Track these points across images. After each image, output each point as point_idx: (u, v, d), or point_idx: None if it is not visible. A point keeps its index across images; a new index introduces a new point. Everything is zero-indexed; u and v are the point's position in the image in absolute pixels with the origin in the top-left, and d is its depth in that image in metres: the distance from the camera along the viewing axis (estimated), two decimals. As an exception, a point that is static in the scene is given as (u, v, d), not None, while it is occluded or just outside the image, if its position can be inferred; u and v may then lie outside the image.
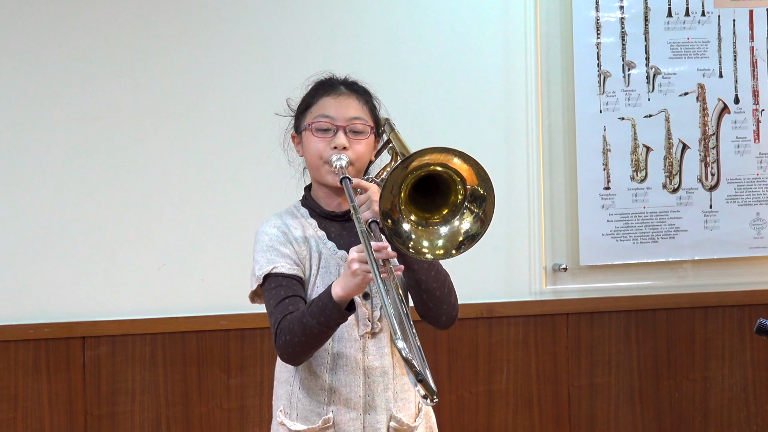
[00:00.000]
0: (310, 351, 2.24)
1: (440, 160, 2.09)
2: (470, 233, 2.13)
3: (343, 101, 2.34)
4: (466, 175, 2.11)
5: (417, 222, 2.14)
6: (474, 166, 2.10)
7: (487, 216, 2.12)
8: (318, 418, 2.31)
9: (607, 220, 3.79)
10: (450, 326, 2.35)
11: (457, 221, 2.14)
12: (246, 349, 3.58)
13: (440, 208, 2.16)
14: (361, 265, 2.08)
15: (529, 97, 3.78)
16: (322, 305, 2.14)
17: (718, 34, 3.85)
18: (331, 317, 2.14)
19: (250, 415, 3.58)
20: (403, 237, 2.12)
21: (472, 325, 3.71)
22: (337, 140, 2.30)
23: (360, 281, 2.10)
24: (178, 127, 3.57)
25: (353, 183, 2.24)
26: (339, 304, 2.13)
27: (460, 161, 2.10)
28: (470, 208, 2.14)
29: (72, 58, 3.51)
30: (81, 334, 3.48)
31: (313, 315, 2.15)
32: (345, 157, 2.29)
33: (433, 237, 2.14)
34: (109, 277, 3.53)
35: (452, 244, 2.13)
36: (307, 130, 2.34)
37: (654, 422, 3.87)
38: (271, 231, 2.34)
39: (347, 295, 2.13)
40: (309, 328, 2.15)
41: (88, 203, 3.52)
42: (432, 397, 1.92)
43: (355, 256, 2.10)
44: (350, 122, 2.32)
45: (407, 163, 2.07)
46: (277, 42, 3.62)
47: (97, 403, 3.50)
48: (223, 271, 3.55)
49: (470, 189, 2.13)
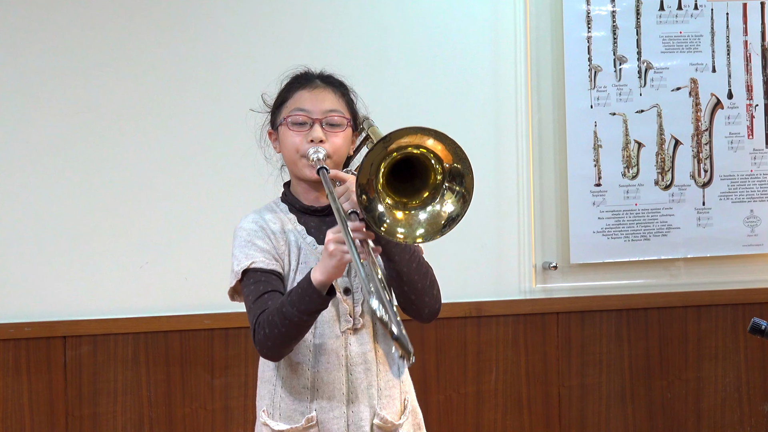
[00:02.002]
0: (290, 343, 2.23)
1: (416, 142, 2.08)
2: (452, 214, 2.12)
3: (319, 94, 2.34)
4: (442, 154, 2.10)
5: (394, 206, 2.12)
6: (449, 144, 2.09)
7: (469, 192, 2.11)
8: (301, 417, 2.31)
9: (598, 217, 3.79)
10: (432, 319, 2.34)
11: (438, 204, 2.13)
12: (230, 349, 3.57)
13: (420, 192, 2.14)
14: (337, 246, 2.09)
15: (518, 92, 3.78)
16: (302, 292, 2.14)
17: (711, 27, 3.85)
18: (312, 303, 2.13)
19: (235, 415, 3.58)
20: (377, 218, 2.10)
21: (461, 324, 3.71)
22: (313, 133, 2.31)
23: (337, 262, 2.10)
24: (158, 123, 3.57)
25: (331, 174, 2.25)
26: (319, 290, 2.13)
27: (435, 141, 2.08)
28: (450, 188, 2.12)
29: (50, 53, 3.50)
30: (62, 334, 3.47)
31: (293, 304, 2.14)
32: (322, 150, 2.29)
33: (412, 221, 2.13)
34: (91, 276, 3.52)
35: (434, 227, 2.12)
36: (283, 124, 2.35)
37: (646, 423, 3.87)
38: (248, 226, 2.34)
39: (327, 279, 2.13)
40: (289, 317, 2.14)
41: (67, 200, 3.51)
42: (408, 356, 1.94)
43: (331, 236, 2.11)
44: (326, 115, 2.32)
45: (387, 144, 2.06)
46: (255, 37, 3.62)
47: (78, 404, 3.49)
48: (207, 269, 3.54)
49: (448, 168, 2.11)
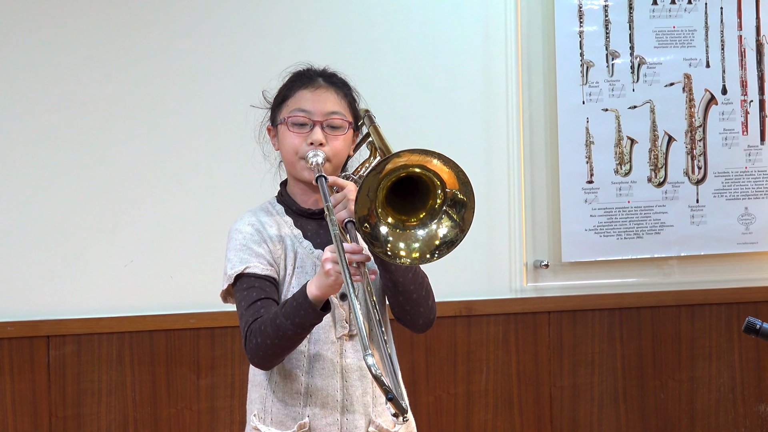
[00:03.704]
0: (282, 354, 2.22)
1: (418, 162, 2.06)
2: (447, 239, 2.10)
3: (321, 95, 2.31)
4: (446, 178, 2.07)
5: (394, 225, 2.11)
6: (454, 168, 2.06)
7: (466, 223, 2.09)
8: (293, 423, 2.29)
9: (590, 215, 3.78)
10: (426, 329, 2.33)
11: (434, 225, 2.11)
12: (216, 349, 3.56)
13: (418, 211, 2.12)
14: (334, 266, 2.08)
15: (509, 88, 3.77)
16: (297, 305, 2.12)
17: (705, 22, 3.83)
18: (307, 318, 2.12)
19: (221, 416, 3.57)
20: (381, 241, 2.09)
21: (451, 323, 3.71)
22: (313, 136, 2.28)
23: (333, 282, 2.09)
24: (147, 118, 3.55)
25: (329, 181, 2.22)
26: (314, 304, 2.12)
27: (440, 163, 2.05)
28: (449, 213, 2.10)
29: (34, 47, 3.48)
30: (45, 333, 3.46)
31: (287, 316, 2.13)
32: (321, 153, 2.27)
33: (410, 240, 2.11)
34: (75, 274, 3.50)
35: (429, 248, 2.10)
36: (283, 124, 2.32)
37: (639, 424, 3.87)
38: (245, 229, 2.31)
39: (323, 295, 2.12)
40: (283, 329, 2.13)
41: (50, 197, 3.49)
42: (403, 416, 1.92)
43: (328, 255, 2.09)
44: (327, 117, 2.30)
45: (382, 168, 2.04)
46: (251, 31, 3.61)
47: (62, 404, 3.48)
48: (193, 268, 3.53)
49: (450, 193, 2.09)
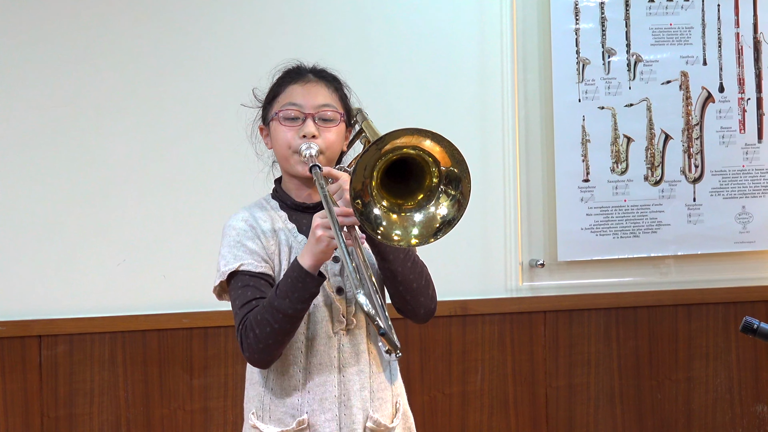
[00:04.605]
0: (282, 342, 2.20)
1: (412, 143, 2.06)
2: (447, 218, 2.10)
3: (312, 88, 2.33)
4: (440, 157, 2.08)
5: (389, 208, 2.11)
6: (447, 147, 2.07)
7: (465, 198, 2.09)
8: (292, 420, 2.28)
9: (587, 213, 3.77)
10: (428, 320, 2.34)
11: (432, 207, 2.11)
12: (209, 349, 3.56)
13: (414, 194, 2.13)
14: (325, 231, 2.10)
15: (504, 86, 3.77)
16: (293, 281, 2.13)
17: (702, 19, 3.83)
18: (306, 289, 2.13)
19: (214, 416, 3.57)
20: (373, 222, 2.09)
21: (446, 323, 3.71)
22: (305, 128, 2.29)
23: (325, 247, 2.11)
24: (139, 117, 3.55)
25: (323, 171, 2.22)
26: (311, 273, 2.13)
27: (432, 143, 2.06)
28: (446, 191, 2.11)
29: (26, 44, 3.47)
30: (37, 333, 3.46)
31: (284, 295, 2.13)
32: (315, 145, 2.27)
33: (407, 224, 2.11)
34: (67, 273, 3.50)
35: (428, 230, 2.11)
36: (275, 119, 2.33)
37: (635, 424, 3.86)
38: (238, 225, 2.32)
39: (316, 263, 2.13)
40: (282, 310, 2.13)
41: (43, 196, 3.49)
42: (395, 351, 1.97)
43: (318, 221, 2.12)
44: (319, 110, 2.31)
45: (381, 145, 2.04)
46: (244, 30, 3.61)
47: (54, 405, 3.48)
48: (186, 267, 3.53)
49: (445, 171, 2.09)
